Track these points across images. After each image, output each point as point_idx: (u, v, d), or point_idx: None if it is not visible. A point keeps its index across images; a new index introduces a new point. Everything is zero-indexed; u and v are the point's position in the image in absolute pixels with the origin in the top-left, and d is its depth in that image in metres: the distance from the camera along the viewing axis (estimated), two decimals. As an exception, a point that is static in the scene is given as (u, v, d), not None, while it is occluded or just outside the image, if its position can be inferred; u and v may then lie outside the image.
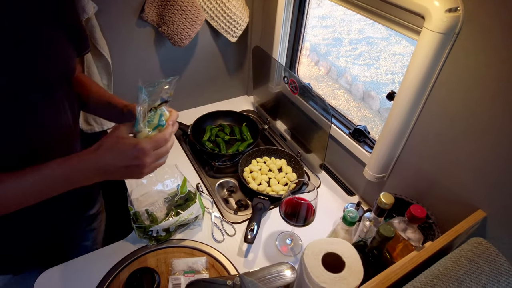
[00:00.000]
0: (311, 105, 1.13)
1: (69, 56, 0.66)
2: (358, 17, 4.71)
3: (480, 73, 0.66)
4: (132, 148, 0.56)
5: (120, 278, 0.82)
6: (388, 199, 0.72)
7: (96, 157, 0.57)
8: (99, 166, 0.57)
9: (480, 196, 0.74)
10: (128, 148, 0.56)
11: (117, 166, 0.57)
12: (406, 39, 4.16)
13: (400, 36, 4.20)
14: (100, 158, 0.57)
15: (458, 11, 0.66)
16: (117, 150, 0.57)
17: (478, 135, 0.70)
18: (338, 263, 0.65)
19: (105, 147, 0.57)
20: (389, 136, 0.86)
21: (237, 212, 1.00)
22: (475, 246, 0.57)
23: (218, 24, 1.20)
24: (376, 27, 4.47)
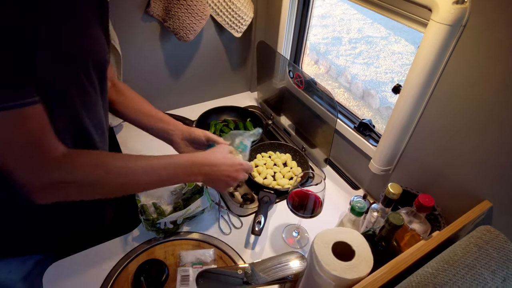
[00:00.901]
0: (316, 99, 1.14)
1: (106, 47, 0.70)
2: (358, 16, 4.73)
3: (486, 65, 0.67)
4: (237, 163, 0.75)
5: (129, 270, 0.82)
6: (396, 189, 0.73)
7: (211, 155, 0.72)
8: (210, 162, 0.71)
9: (486, 187, 0.75)
10: (236, 162, 0.75)
11: (222, 170, 0.72)
12: (406, 38, 4.18)
13: (399, 35, 4.23)
14: (213, 157, 0.72)
15: (465, 3, 0.66)
16: (228, 160, 0.74)
17: (484, 128, 0.71)
18: (348, 252, 0.65)
19: (219, 153, 0.74)
20: (394, 128, 0.86)
21: (243, 206, 1.01)
22: (484, 234, 0.58)
23: (223, 19, 1.21)
24: (375, 26, 4.49)
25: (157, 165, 0.66)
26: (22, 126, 0.50)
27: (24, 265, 0.80)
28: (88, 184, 0.59)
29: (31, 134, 0.51)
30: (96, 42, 0.65)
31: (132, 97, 0.87)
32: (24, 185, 0.53)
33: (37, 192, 0.54)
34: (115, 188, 0.62)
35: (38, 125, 0.52)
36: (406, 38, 4.20)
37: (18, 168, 0.52)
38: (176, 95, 1.38)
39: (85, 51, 0.61)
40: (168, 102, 1.37)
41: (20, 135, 0.50)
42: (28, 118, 0.50)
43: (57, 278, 0.79)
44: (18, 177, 0.53)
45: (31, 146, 0.52)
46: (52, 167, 0.54)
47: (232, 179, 0.75)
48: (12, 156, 0.51)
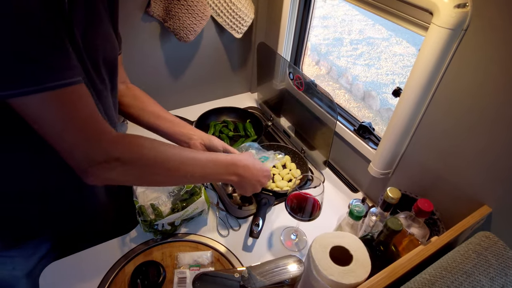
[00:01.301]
0: (315, 101, 1.13)
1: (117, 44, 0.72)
2: (359, 17, 4.72)
3: (488, 69, 0.67)
4: (265, 169, 0.80)
5: (126, 271, 0.82)
6: (395, 193, 0.73)
7: (247, 158, 0.75)
8: (246, 164, 0.73)
9: (486, 192, 0.75)
10: (264, 168, 0.80)
11: (253, 174, 0.75)
12: (407, 39, 4.18)
13: (401, 37, 4.22)
14: (247, 159, 0.75)
15: (466, 7, 0.66)
16: (259, 165, 0.78)
17: (485, 131, 0.71)
18: (346, 257, 0.65)
19: (251, 157, 0.77)
20: (394, 132, 0.86)
21: (241, 207, 1.00)
22: (483, 240, 0.58)
23: (223, 20, 1.20)
24: (376, 28, 4.48)
25: (203, 159, 0.67)
26: (79, 102, 0.51)
27: (27, 262, 0.80)
28: (142, 165, 0.59)
29: (87, 110, 0.53)
30: (107, 39, 0.66)
31: (149, 102, 0.88)
32: (81, 163, 0.53)
33: (92, 170, 0.54)
34: (162, 175, 0.63)
35: (91, 103, 0.53)
36: (408, 40, 4.19)
37: (77, 145, 0.52)
38: (175, 95, 1.37)
39: (96, 48, 0.62)
40: (167, 102, 1.36)
41: (79, 110, 0.51)
42: (82, 95, 0.52)
43: (54, 279, 0.79)
44: (75, 155, 0.53)
45: (90, 121, 0.53)
46: (110, 143, 0.55)
47: (260, 184, 0.78)
48: (72, 132, 0.51)
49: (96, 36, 0.62)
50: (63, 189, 0.73)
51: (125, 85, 0.88)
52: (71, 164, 0.54)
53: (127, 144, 0.57)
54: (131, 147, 0.58)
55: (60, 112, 0.49)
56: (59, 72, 0.47)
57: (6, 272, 0.77)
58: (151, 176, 0.62)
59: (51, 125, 0.50)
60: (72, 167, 0.54)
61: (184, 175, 0.65)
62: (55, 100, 0.48)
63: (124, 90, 0.86)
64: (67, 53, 0.49)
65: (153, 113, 0.86)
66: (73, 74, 0.49)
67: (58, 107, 0.49)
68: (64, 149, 0.53)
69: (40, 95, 0.46)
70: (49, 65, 0.46)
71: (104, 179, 0.56)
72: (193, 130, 0.88)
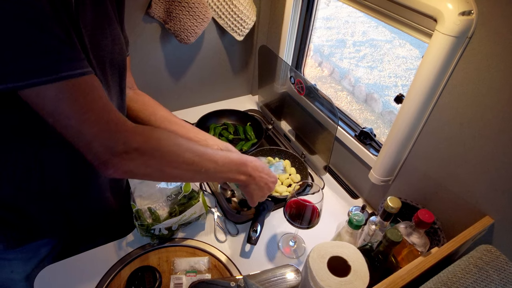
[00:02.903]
0: (317, 106, 1.12)
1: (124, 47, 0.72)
2: (362, 19, 4.70)
3: (492, 77, 0.65)
4: (273, 175, 0.81)
5: (122, 276, 0.81)
6: (395, 203, 0.71)
7: (257, 160, 0.76)
8: (256, 166, 0.74)
9: (488, 202, 0.73)
10: (272, 174, 0.80)
11: (262, 177, 0.75)
12: (410, 42, 4.15)
13: (404, 39, 4.19)
14: (256, 161, 0.75)
15: (471, 15, 0.65)
16: (267, 170, 0.79)
17: (488, 140, 0.69)
18: (344, 267, 0.64)
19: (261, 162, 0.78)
20: (396, 139, 0.85)
21: (240, 212, 1.00)
22: (485, 254, 0.57)
23: (225, 22, 1.19)
24: (380, 30, 4.46)
25: (216, 155, 0.67)
26: (94, 92, 0.52)
27: (26, 265, 0.80)
28: (160, 156, 0.58)
29: (102, 100, 0.53)
30: (115, 41, 0.65)
31: (159, 107, 0.87)
32: (101, 154, 0.53)
33: (113, 161, 0.54)
34: (179, 168, 0.62)
35: (104, 95, 0.54)
36: (411, 42, 4.16)
37: (96, 136, 0.52)
38: (176, 97, 1.36)
39: (103, 49, 0.62)
40: (168, 104, 1.34)
41: (94, 101, 0.51)
42: (96, 86, 0.52)
43: (49, 282, 0.78)
44: (95, 147, 0.52)
45: (106, 112, 0.53)
46: (129, 133, 0.55)
47: (268, 188, 0.78)
48: (90, 123, 0.51)
49: (105, 37, 0.62)
50: (64, 189, 0.72)
51: (133, 90, 0.87)
52: (90, 158, 0.53)
53: (146, 135, 0.57)
54: (149, 138, 0.57)
55: (76, 102, 0.50)
56: (72, 62, 0.48)
57: (4, 275, 0.77)
58: (169, 168, 0.61)
59: (69, 118, 0.50)
60: (90, 161, 0.54)
61: (199, 169, 0.64)
62: (70, 90, 0.48)
63: (132, 96, 0.86)
64: (77, 47, 0.50)
65: (166, 118, 0.85)
66: (84, 65, 0.50)
67: (74, 98, 0.49)
68: (83, 142, 0.52)
69: (56, 85, 0.47)
70: (61, 56, 0.47)
71: (123, 171, 0.56)
72: (208, 136, 0.87)
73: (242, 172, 0.72)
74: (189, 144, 0.64)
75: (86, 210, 0.81)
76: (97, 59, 0.61)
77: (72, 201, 0.76)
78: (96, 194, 0.80)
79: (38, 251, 0.80)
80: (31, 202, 0.71)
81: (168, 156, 0.59)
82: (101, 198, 0.82)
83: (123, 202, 0.92)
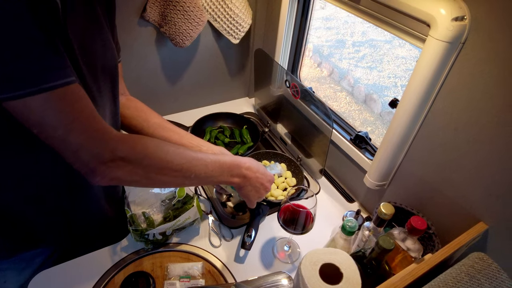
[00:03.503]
0: (312, 109, 1.12)
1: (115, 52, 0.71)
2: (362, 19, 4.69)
3: (486, 83, 0.65)
4: (269, 174, 0.80)
5: (115, 282, 0.81)
6: (388, 209, 0.71)
7: (251, 161, 0.75)
8: (247, 166, 0.73)
9: (483, 207, 0.73)
10: (268, 173, 0.79)
11: (257, 177, 0.75)
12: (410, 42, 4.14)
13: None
14: (250, 162, 0.75)
15: (464, 20, 0.64)
16: (263, 169, 0.78)
17: (482, 146, 0.69)
18: (336, 274, 0.64)
19: (256, 162, 0.77)
20: (390, 143, 0.84)
21: (235, 217, 0.99)
22: (476, 262, 0.56)
23: (220, 26, 1.19)
24: (379, 30, 4.44)
25: (207, 159, 0.67)
26: (79, 102, 0.51)
27: (20, 275, 0.79)
28: (147, 165, 0.59)
29: (88, 109, 0.53)
30: (106, 47, 0.65)
31: (152, 113, 0.87)
32: (88, 162, 0.53)
33: (100, 169, 0.54)
34: (168, 175, 0.62)
35: (90, 103, 0.53)
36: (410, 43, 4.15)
37: (82, 145, 0.52)
38: (172, 100, 1.36)
39: (95, 55, 0.62)
40: (164, 107, 1.36)
41: (80, 111, 0.51)
42: (81, 95, 0.52)
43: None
44: (82, 156, 0.52)
45: (92, 121, 0.53)
46: (115, 141, 0.55)
47: (264, 188, 0.78)
48: (76, 133, 0.51)
49: (95, 43, 0.62)
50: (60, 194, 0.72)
51: (125, 97, 0.87)
52: (77, 166, 0.54)
53: (132, 144, 0.57)
54: (135, 146, 0.57)
55: (62, 112, 0.49)
56: (55, 72, 0.47)
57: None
58: (157, 175, 0.61)
59: (55, 128, 0.50)
60: (78, 169, 0.54)
61: (188, 175, 0.64)
62: (55, 100, 0.48)
63: (125, 102, 0.85)
64: (61, 54, 0.49)
65: (159, 125, 0.85)
66: (68, 74, 0.49)
67: (60, 108, 0.49)
68: (70, 151, 0.52)
69: (40, 97, 0.46)
70: (44, 66, 0.46)
71: (110, 178, 0.56)
72: (202, 142, 0.87)
73: (236, 175, 0.72)
74: (178, 150, 0.64)
75: (80, 218, 0.81)
76: (88, 65, 0.60)
77: (67, 210, 0.76)
78: (91, 202, 0.80)
79: (32, 261, 0.80)
80: (25, 211, 0.71)
81: (155, 164, 0.59)
82: (96, 206, 0.82)
83: (118, 208, 0.92)
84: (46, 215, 0.74)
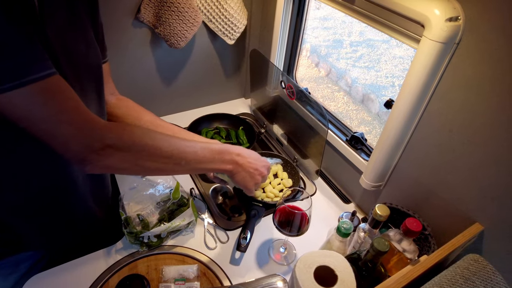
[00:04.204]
0: (308, 110, 1.12)
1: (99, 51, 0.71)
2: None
3: (481, 84, 0.65)
4: (263, 159, 0.80)
5: (110, 285, 0.80)
6: (384, 211, 0.71)
7: (238, 147, 0.75)
8: (238, 152, 0.73)
9: (478, 209, 0.73)
10: (262, 158, 0.79)
11: (250, 163, 0.74)
12: (407, 42, 4.14)
13: (401, 39, 4.18)
14: (241, 149, 0.74)
15: (458, 21, 0.64)
16: (256, 155, 0.77)
17: (477, 147, 0.69)
18: (331, 277, 0.63)
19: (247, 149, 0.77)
20: (386, 144, 0.84)
21: (231, 218, 0.99)
22: (471, 264, 0.56)
23: (215, 26, 1.18)
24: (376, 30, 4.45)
25: (196, 146, 0.67)
26: (63, 93, 0.51)
27: (5, 282, 0.78)
28: (136, 151, 0.59)
29: (73, 101, 0.53)
30: (90, 46, 0.65)
31: (143, 112, 0.87)
32: (79, 152, 0.54)
33: (91, 158, 0.54)
34: (158, 161, 0.62)
35: (74, 94, 0.53)
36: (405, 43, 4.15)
37: (72, 136, 0.52)
38: (168, 101, 1.36)
39: (78, 54, 0.61)
40: (159, 108, 1.35)
41: (65, 102, 0.52)
42: (65, 87, 0.52)
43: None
44: (72, 146, 0.53)
45: (78, 111, 0.53)
46: (104, 130, 0.55)
47: (259, 173, 0.77)
48: (65, 125, 0.52)
49: (78, 42, 0.62)
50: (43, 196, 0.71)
51: (115, 96, 0.86)
52: (68, 156, 0.54)
53: (120, 131, 0.58)
54: (123, 133, 0.58)
55: (46, 105, 0.49)
56: (34, 65, 0.48)
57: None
58: (146, 162, 0.61)
59: (43, 121, 0.50)
60: (68, 159, 0.55)
61: (178, 162, 0.65)
62: (38, 93, 0.48)
63: (116, 102, 0.85)
64: (38, 48, 0.49)
65: (151, 122, 0.84)
66: (49, 66, 0.49)
67: (43, 101, 0.49)
68: (59, 143, 0.53)
69: (22, 90, 0.46)
70: (23, 60, 0.46)
71: (101, 166, 0.57)
72: (197, 137, 0.86)
73: (227, 161, 0.71)
74: (166, 137, 0.64)
75: (67, 220, 0.80)
76: (71, 64, 0.60)
77: (51, 212, 0.75)
78: (77, 204, 0.79)
79: (17, 267, 0.79)
80: (9, 214, 0.70)
81: (144, 150, 0.60)
82: (83, 207, 0.81)
83: (109, 210, 0.91)
84: (29, 218, 0.73)
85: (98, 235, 0.93)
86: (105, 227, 0.94)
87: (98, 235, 0.93)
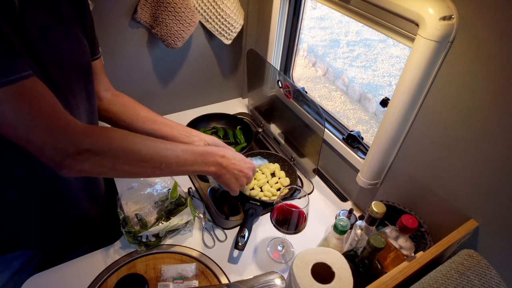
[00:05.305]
0: (305, 109, 1.12)
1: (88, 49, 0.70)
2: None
3: (475, 82, 0.66)
4: (248, 161, 0.81)
5: (108, 285, 0.80)
6: (380, 208, 0.71)
7: (222, 149, 0.75)
8: (222, 154, 0.73)
9: (473, 205, 0.74)
10: (246, 160, 0.80)
11: (234, 164, 0.75)
12: (404, 41, 4.16)
13: (398, 38, 4.20)
14: (225, 150, 0.75)
15: (452, 19, 0.65)
16: (240, 156, 0.78)
17: (472, 144, 0.70)
18: (328, 273, 0.64)
19: (231, 150, 0.78)
20: (382, 142, 0.85)
21: (229, 217, 0.99)
22: (466, 259, 0.57)
23: (212, 26, 1.19)
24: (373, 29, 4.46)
25: (177, 149, 0.67)
26: (40, 97, 0.50)
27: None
28: (113, 156, 0.59)
29: (49, 105, 0.52)
30: (76, 44, 0.64)
31: (140, 107, 0.86)
32: (54, 157, 0.53)
33: (66, 163, 0.54)
34: (136, 165, 0.62)
35: (51, 97, 0.53)
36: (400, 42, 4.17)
37: (46, 143, 0.52)
38: (165, 102, 1.36)
39: (63, 52, 0.61)
40: (157, 108, 1.33)
41: (41, 107, 0.51)
42: (41, 90, 0.51)
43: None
44: (46, 152, 0.53)
45: (54, 117, 0.52)
46: (79, 135, 0.55)
47: (244, 175, 0.77)
48: (39, 132, 0.51)
49: (63, 40, 0.61)
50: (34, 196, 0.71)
51: (110, 92, 0.85)
52: (44, 160, 0.54)
53: (96, 136, 0.57)
54: (99, 138, 0.57)
55: (19, 112, 0.49)
56: (4, 69, 0.46)
57: None
58: (124, 166, 0.61)
59: (15, 128, 0.49)
60: (45, 163, 0.54)
61: (158, 165, 0.64)
62: (9, 99, 0.47)
63: (111, 98, 0.84)
64: (11, 50, 0.48)
65: (148, 118, 0.84)
66: (22, 69, 0.48)
67: (16, 107, 0.48)
68: (34, 148, 0.52)
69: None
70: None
71: (78, 170, 0.56)
72: (195, 132, 0.86)
73: (211, 163, 0.72)
74: (145, 141, 0.63)
75: (59, 220, 0.80)
76: (57, 63, 0.59)
77: (42, 211, 0.75)
78: (70, 203, 0.78)
79: (8, 265, 0.79)
80: (1, 214, 0.70)
81: (121, 155, 0.59)
82: (77, 207, 0.81)
83: (105, 209, 0.91)
84: (22, 217, 0.73)
85: (96, 234, 0.93)
86: (103, 227, 0.94)
87: (97, 235, 0.93)
